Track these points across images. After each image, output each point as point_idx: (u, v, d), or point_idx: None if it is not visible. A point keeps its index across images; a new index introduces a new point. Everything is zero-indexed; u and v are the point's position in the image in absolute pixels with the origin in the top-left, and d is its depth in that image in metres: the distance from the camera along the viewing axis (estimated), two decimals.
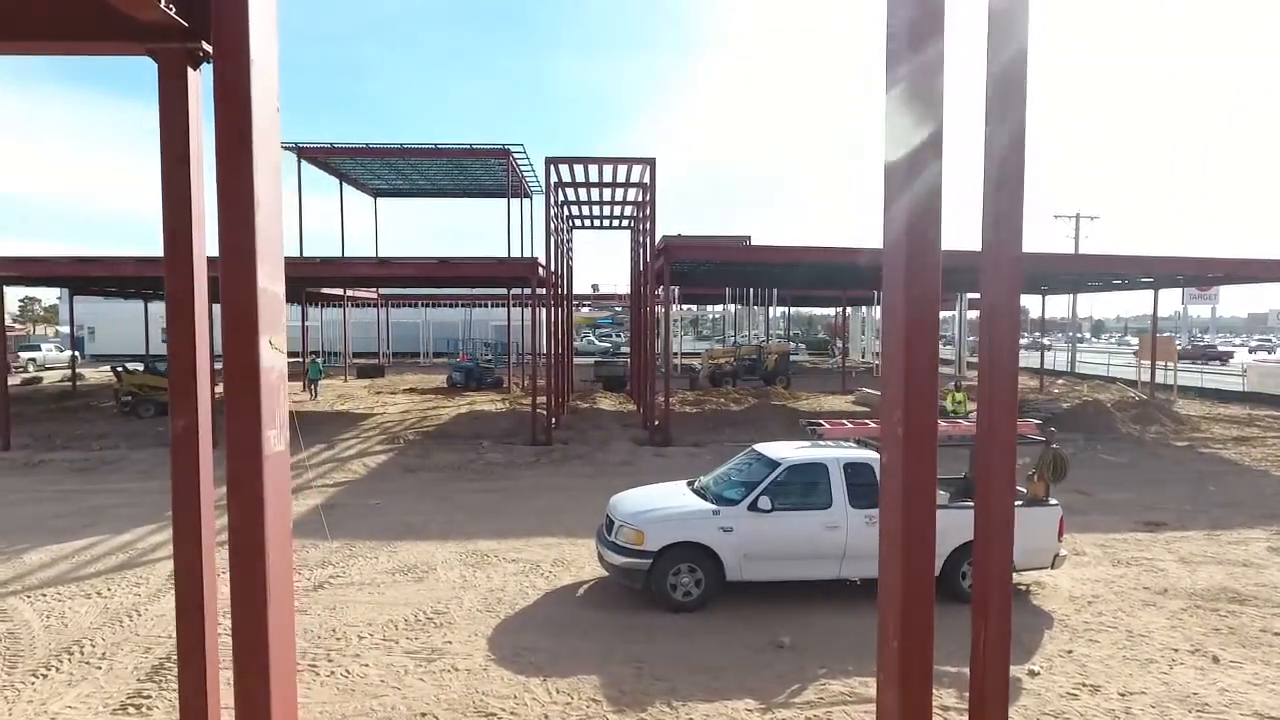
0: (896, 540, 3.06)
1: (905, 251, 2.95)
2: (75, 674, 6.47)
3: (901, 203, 2.99)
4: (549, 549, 10.10)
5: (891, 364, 3.07)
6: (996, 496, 3.11)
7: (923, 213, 2.96)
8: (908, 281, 2.95)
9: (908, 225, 2.95)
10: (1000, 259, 3.14)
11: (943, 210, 2.86)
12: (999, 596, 3.09)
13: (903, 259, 2.95)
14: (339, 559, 9.67)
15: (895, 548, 3.09)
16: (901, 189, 2.99)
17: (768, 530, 7.95)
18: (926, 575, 3.07)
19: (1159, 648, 7.20)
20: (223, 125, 2.85)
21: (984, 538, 3.19)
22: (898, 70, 2.88)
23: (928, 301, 2.96)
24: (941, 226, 2.94)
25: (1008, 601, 3.12)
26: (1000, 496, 3.11)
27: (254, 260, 2.86)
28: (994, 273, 3.14)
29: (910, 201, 2.96)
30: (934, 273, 2.99)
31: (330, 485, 14.01)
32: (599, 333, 66.39)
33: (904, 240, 2.95)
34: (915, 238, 2.97)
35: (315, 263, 19.11)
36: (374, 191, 35.37)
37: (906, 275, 2.95)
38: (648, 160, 19.74)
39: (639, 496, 8.78)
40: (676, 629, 7.51)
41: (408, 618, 7.75)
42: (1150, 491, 13.72)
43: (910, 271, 2.95)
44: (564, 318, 26.22)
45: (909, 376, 2.96)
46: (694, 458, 16.64)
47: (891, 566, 3.11)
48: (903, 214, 2.97)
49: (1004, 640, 3.08)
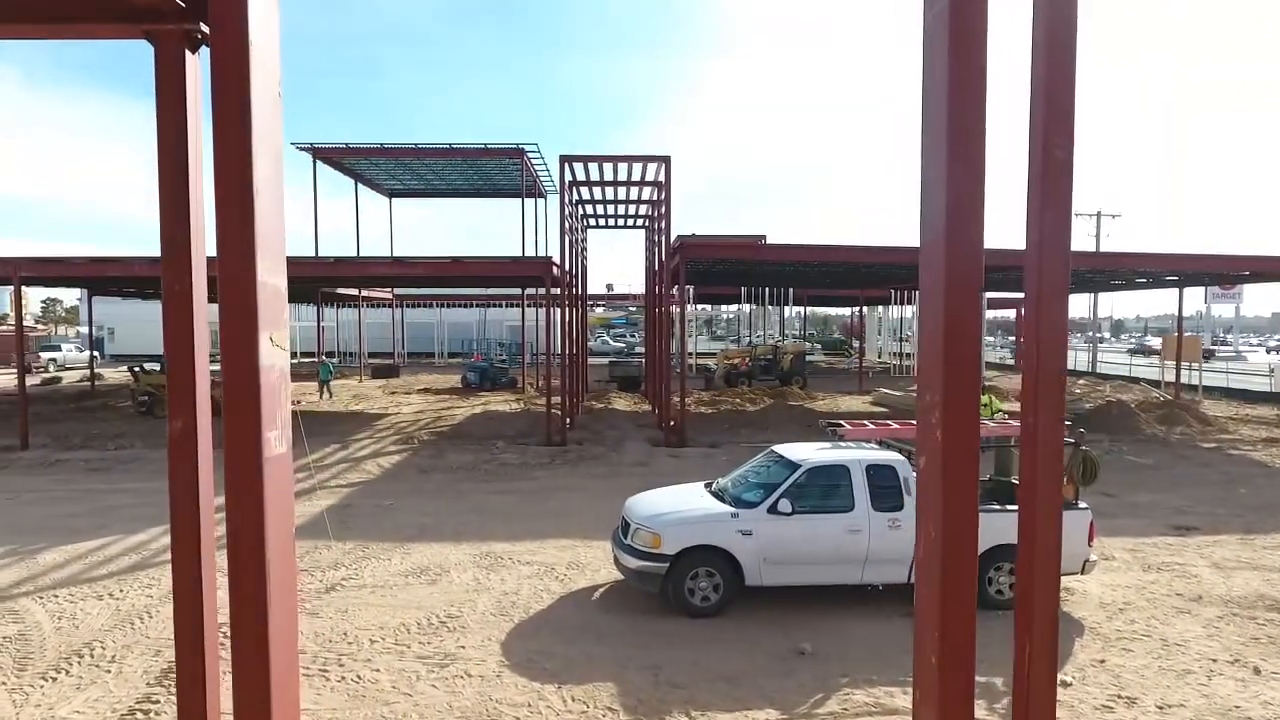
0: (935, 550, 2.86)
1: (944, 242, 2.74)
2: (84, 677, 6.38)
3: (941, 191, 2.78)
4: (564, 551, 9.94)
5: (929, 363, 2.87)
6: (1043, 505, 2.91)
7: (965, 202, 2.75)
8: (949, 271, 2.75)
9: (948, 213, 2.74)
10: (1047, 257, 2.93)
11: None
12: (1045, 612, 2.88)
13: (942, 250, 2.75)
14: (351, 560, 9.57)
15: (934, 558, 2.88)
16: (941, 178, 2.79)
17: (788, 534, 7.75)
18: (968, 588, 2.87)
19: (1196, 657, 6.94)
20: (220, 109, 2.70)
21: (1028, 548, 2.98)
22: (936, 48, 2.69)
23: (969, 294, 2.76)
24: (984, 216, 2.74)
25: (1054, 618, 2.91)
26: (1046, 505, 2.90)
27: (253, 252, 2.70)
28: (1040, 272, 2.93)
29: (952, 190, 2.76)
30: (976, 263, 2.79)
31: (344, 485, 13.93)
32: (613, 333, 66.28)
33: (943, 230, 2.74)
34: (956, 228, 2.76)
35: (329, 262, 19.08)
36: (389, 192, 35.43)
37: (947, 264, 2.76)
38: (663, 158, 19.57)
39: (655, 499, 8.61)
40: (694, 635, 7.32)
41: (420, 621, 7.62)
42: (1179, 494, 13.37)
43: (951, 261, 2.75)
44: (578, 317, 26.09)
45: (948, 376, 2.76)
46: (710, 458, 16.44)
47: (930, 578, 2.91)
48: (942, 202, 2.76)
49: (1050, 659, 2.88)
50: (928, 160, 2.83)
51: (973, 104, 2.67)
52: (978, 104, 2.70)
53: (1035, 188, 2.93)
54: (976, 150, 2.74)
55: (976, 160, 2.74)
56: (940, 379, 2.79)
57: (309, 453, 16.14)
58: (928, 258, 2.84)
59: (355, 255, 24.50)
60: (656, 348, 24.51)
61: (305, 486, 13.68)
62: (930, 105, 2.73)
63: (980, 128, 2.72)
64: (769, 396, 26.99)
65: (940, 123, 2.72)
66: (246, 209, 2.76)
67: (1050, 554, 2.89)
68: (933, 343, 2.85)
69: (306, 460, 15.03)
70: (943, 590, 2.82)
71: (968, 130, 2.68)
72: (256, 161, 2.80)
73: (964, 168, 2.68)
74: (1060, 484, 2.90)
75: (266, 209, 2.83)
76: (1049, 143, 2.89)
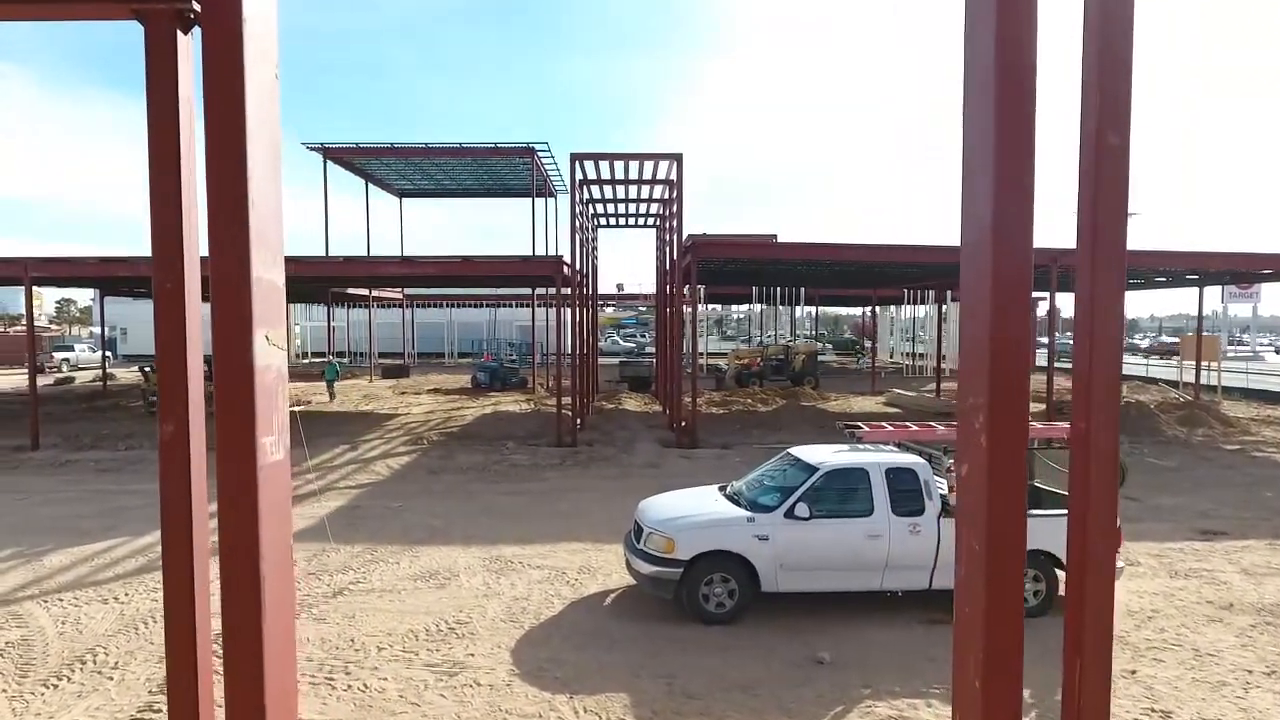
0: (979, 565, 2.65)
1: (991, 234, 2.54)
2: (86, 685, 6.25)
3: (988, 180, 2.58)
4: (575, 555, 9.77)
5: (972, 364, 2.66)
6: (1096, 517, 2.70)
7: (1014, 192, 2.55)
8: (996, 266, 2.56)
9: (996, 203, 2.53)
10: (1101, 253, 2.71)
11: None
12: (1098, 634, 2.67)
13: (988, 242, 2.55)
14: (360, 564, 9.42)
15: (977, 574, 2.67)
16: (988, 166, 2.58)
17: (805, 539, 7.54)
18: (1014, 606, 2.67)
19: (1230, 669, 6.69)
20: (213, 93, 2.53)
21: (1079, 563, 2.77)
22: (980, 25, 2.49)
23: (1018, 290, 2.56)
24: (1034, 207, 2.55)
25: (1108, 639, 2.70)
26: (1101, 517, 2.69)
27: (247, 245, 2.52)
28: (1094, 268, 2.71)
29: (1000, 180, 2.55)
30: (1025, 257, 2.59)
31: (353, 486, 13.80)
32: (623, 333, 66.08)
33: (990, 223, 2.54)
34: (1005, 219, 2.56)
35: (339, 261, 18.99)
36: (399, 192, 35.39)
37: (995, 258, 2.55)
38: (674, 155, 19.37)
39: (669, 502, 8.41)
40: (709, 642, 7.13)
41: (429, 627, 7.46)
42: (1203, 497, 13.07)
43: (999, 254, 2.55)
44: (589, 317, 25.92)
45: (995, 377, 2.55)
46: (722, 459, 16.24)
47: (972, 595, 2.70)
48: (989, 193, 2.55)
49: (1104, 682, 2.68)
50: (972, 146, 2.63)
51: (1022, 83, 2.47)
52: (1027, 83, 2.49)
53: (1087, 178, 2.71)
54: (1025, 135, 2.54)
55: (1025, 146, 2.54)
56: (985, 381, 2.58)
57: (308, 458, 16.05)
58: (972, 252, 2.63)
59: (365, 255, 24.41)
60: (667, 348, 24.31)
61: (314, 488, 13.57)
62: (973, 87, 2.53)
63: (1030, 110, 2.52)
64: (781, 397, 26.74)
65: (985, 106, 2.51)
66: (240, 200, 2.59)
67: (1105, 570, 2.68)
68: (976, 342, 2.64)
69: (307, 465, 14.93)
70: (988, 608, 2.62)
71: (1017, 112, 2.48)
72: (251, 149, 2.62)
73: (1013, 155, 2.48)
74: (1116, 494, 2.69)
75: (262, 200, 2.65)
76: (1102, 127, 2.67)
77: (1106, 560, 2.66)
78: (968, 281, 2.66)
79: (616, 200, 26.28)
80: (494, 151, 28.09)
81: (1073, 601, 2.76)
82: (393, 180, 33.99)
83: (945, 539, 7.62)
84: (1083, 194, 2.65)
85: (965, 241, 2.61)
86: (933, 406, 24.41)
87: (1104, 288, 2.67)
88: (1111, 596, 2.71)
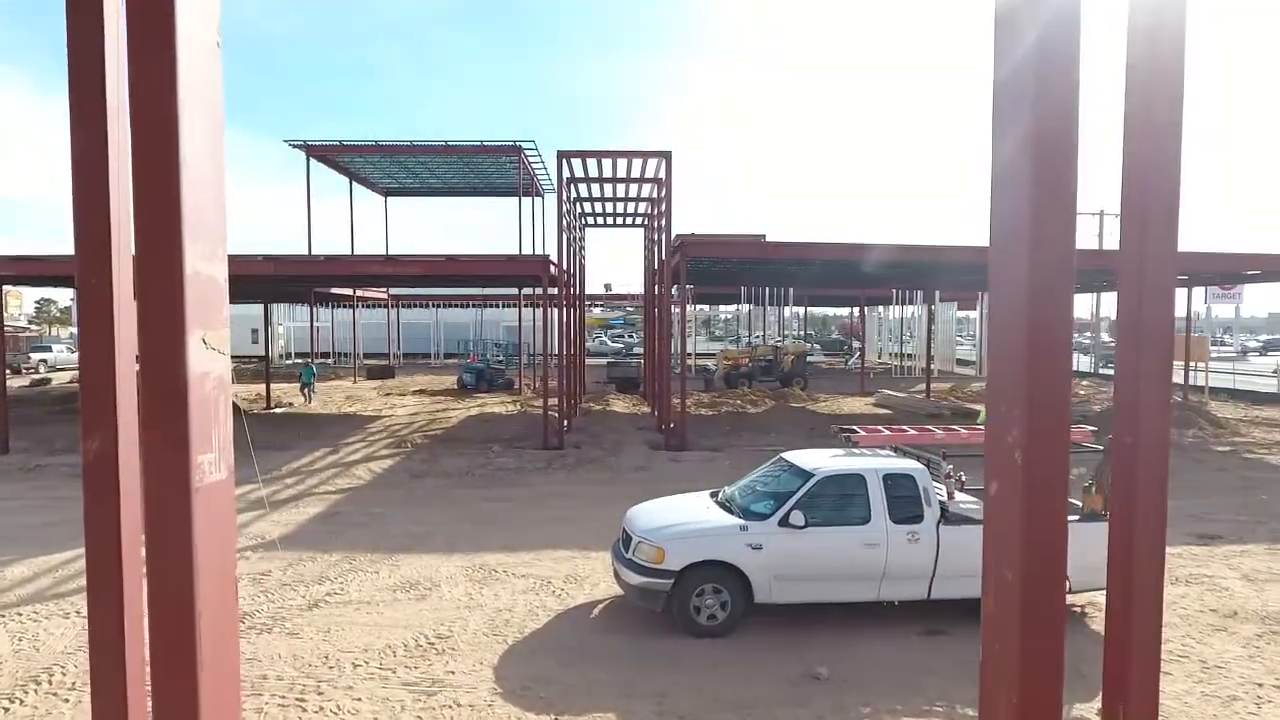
0: (1013, 600, 2.36)
1: (1029, 222, 2.25)
2: (39, 708, 5.87)
3: (1025, 160, 2.28)
4: (561, 563, 9.45)
5: (1005, 368, 2.36)
6: (1143, 547, 2.42)
7: (1057, 174, 2.25)
8: (1034, 257, 2.26)
9: (1037, 188, 2.23)
10: (1151, 246, 2.42)
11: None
12: (1145, 681, 2.39)
13: (1025, 230, 2.26)
14: (337, 573, 9.06)
15: (1010, 611, 2.38)
16: (1026, 141, 2.28)
17: (800, 548, 7.26)
18: (1055, 648, 2.38)
19: (1240, 681, 6.47)
20: (139, 58, 2.19)
21: (1122, 599, 2.49)
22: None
23: (1060, 282, 2.29)
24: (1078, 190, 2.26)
25: (1155, 686, 2.42)
26: (1148, 548, 2.42)
27: (179, 235, 2.19)
28: (1143, 263, 2.43)
29: (1040, 161, 2.26)
30: (1068, 247, 2.30)
31: (333, 492, 13.41)
32: (611, 333, 65.76)
33: (1028, 210, 2.24)
34: (1046, 205, 2.26)
35: (320, 260, 18.57)
36: (384, 190, 34.96)
37: (1032, 247, 2.26)
38: (663, 154, 19.08)
39: (658, 510, 8.11)
40: (701, 657, 6.83)
41: (407, 642, 7.12)
42: (1198, 500, 12.90)
43: (1037, 243, 2.26)
44: (576, 318, 25.60)
45: (1034, 383, 2.26)
46: (712, 462, 15.96)
47: (1004, 632, 2.41)
48: (1027, 177, 2.25)
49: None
50: (1003, 118, 2.33)
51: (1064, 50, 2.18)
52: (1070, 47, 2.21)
53: (1133, 164, 2.42)
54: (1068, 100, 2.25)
55: (1069, 113, 2.25)
56: (1022, 388, 2.29)
57: (257, 470, 15.66)
58: (1006, 241, 2.34)
59: (347, 254, 23.98)
60: (655, 348, 24.02)
61: (290, 494, 13.17)
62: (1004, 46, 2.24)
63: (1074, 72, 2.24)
64: (771, 398, 26.51)
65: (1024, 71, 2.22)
66: (170, 180, 2.25)
67: (1152, 608, 2.40)
68: (1010, 344, 2.35)
69: (258, 481, 14.54)
70: (1024, 648, 2.33)
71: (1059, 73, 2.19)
72: (185, 125, 2.28)
73: (1056, 125, 2.19)
74: (1165, 521, 2.41)
75: (197, 181, 2.31)
76: (1152, 101, 2.38)
77: (1154, 597, 2.38)
78: (1000, 267, 2.37)
79: (604, 199, 25.97)
80: (480, 149, 27.70)
81: (1115, 641, 2.47)
82: (377, 179, 33.53)
83: (944, 548, 7.37)
84: (1128, 181, 2.36)
85: (995, 229, 2.32)
86: (923, 408, 24.25)
87: (1154, 286, 2.38)
88: (1159, 638, 2.43)
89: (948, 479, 7.89)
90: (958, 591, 7.45)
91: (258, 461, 15.56)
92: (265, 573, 9.08)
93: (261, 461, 15.78)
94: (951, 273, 24.09)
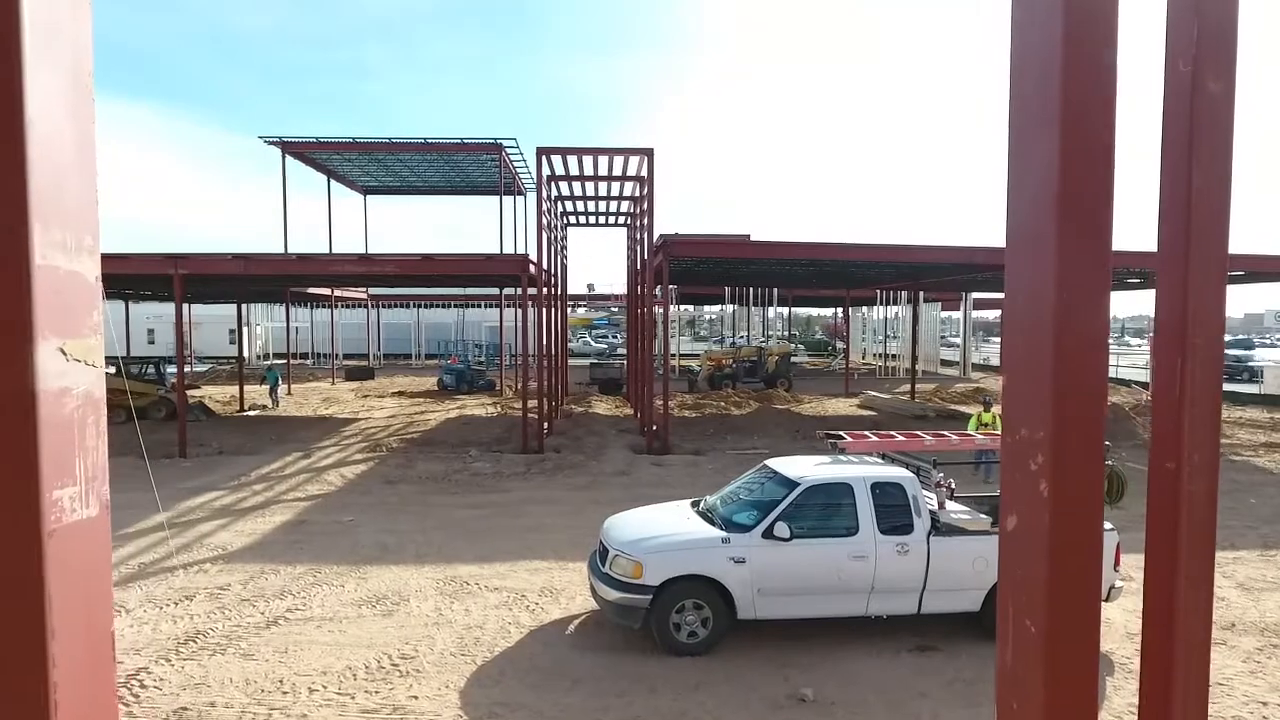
0: (1035, 653, 1.98)
1: (1056, 213, 1.86)
2: None
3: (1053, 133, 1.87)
4: (536, 574, 9.05)
5: (1025, 384, 1.98)
6: (1189, 592, 2.06)
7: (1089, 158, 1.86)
8: (1062, 255, 1.87)
9: (1062, 173, 1.85)
10: (1198, 239, 2.04)
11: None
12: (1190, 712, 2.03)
13: (1052, 221, 1.88)
14: (300, 587, 8.62)
15: (1033, 664, 2.01)
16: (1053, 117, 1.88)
17: (785, 561, 6.92)
18: (1087, 708, 1.98)
19: (1243, 700, 6.19)
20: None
21: (1161, 661, 2.14)
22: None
23: (1097, 267, 1.92)
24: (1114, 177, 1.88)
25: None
26: (1194, 593, 2.06)
27: (24, 220, 1.74)
28: (1188, 258, 2.04)
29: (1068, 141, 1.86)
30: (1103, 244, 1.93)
31: (302, 499, 12.93)
32: (595, 334, 65.32)
33: (1054, 197, 1.85)
34: (1074, 193, 1.87)
35: (292, 259, 18.04)
36: (363, 189, 34.33)
37: (1060, 244, 1.88)
38: (645, 151, 18.70)
39: (636, 520, 7.73)
40: (681, 679, 6.46)
41: (369, 663, 6.70)
42: None
43: (1067, 234, 1.88)
44: (558, 318, 25.18)
45: (1060, 404, 1.88)
46: (694, 466, 15.61)
47: (1024, 690, 2.05)
48: (1053, 159, 1.86)
49: None
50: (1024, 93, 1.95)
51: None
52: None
53: (1176, 138, 2.04)
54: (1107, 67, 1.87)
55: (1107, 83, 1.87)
56: (1047, 406, 1.91)
57: (159, 504, 15.14)
58: (1028, 229, 1.96)
59: (319, 253, 23.41)
60: (639, 349, 23.65)
61: (257, 502, 12.69)
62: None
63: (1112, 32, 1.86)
64: (755, 400, 26.23)
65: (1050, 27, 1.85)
66: (14, 148, 1.80)
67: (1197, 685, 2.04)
68: (1033, 354, 1.97)
69: (165, 535, 14.04)
70: (1049, 710, 1.95)
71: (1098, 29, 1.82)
72: (32, 80, 1.83)
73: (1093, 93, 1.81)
74: (1213, 562, 2.05)
75: (50, 148, 1.86)
76: (1199, 69, 2.02)
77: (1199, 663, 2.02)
78: (1021, 261, 2.00)
79: (586, 197, 25.56)
80: (460, 147, 27.18)
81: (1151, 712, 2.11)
82: (356, 176, 32.90)
83: (935, 559, 7.05)
84: (1168, 162, 2.00)
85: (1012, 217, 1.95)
86: (909, 409, 24.04)
87: (1201, 285, 2.02)
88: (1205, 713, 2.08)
89: (938, 487, 7.58)
90: (949, 605, 7.14)
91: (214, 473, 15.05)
92: (224, 587, 8.62)
93: (229, 467, 15.29)
94: (936, 272, 23.90)
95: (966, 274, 23.67)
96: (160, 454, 16.68)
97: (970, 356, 43.65)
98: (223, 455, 16.69)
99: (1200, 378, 2.01)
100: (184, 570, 9.15)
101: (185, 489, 13.41)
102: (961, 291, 38.87)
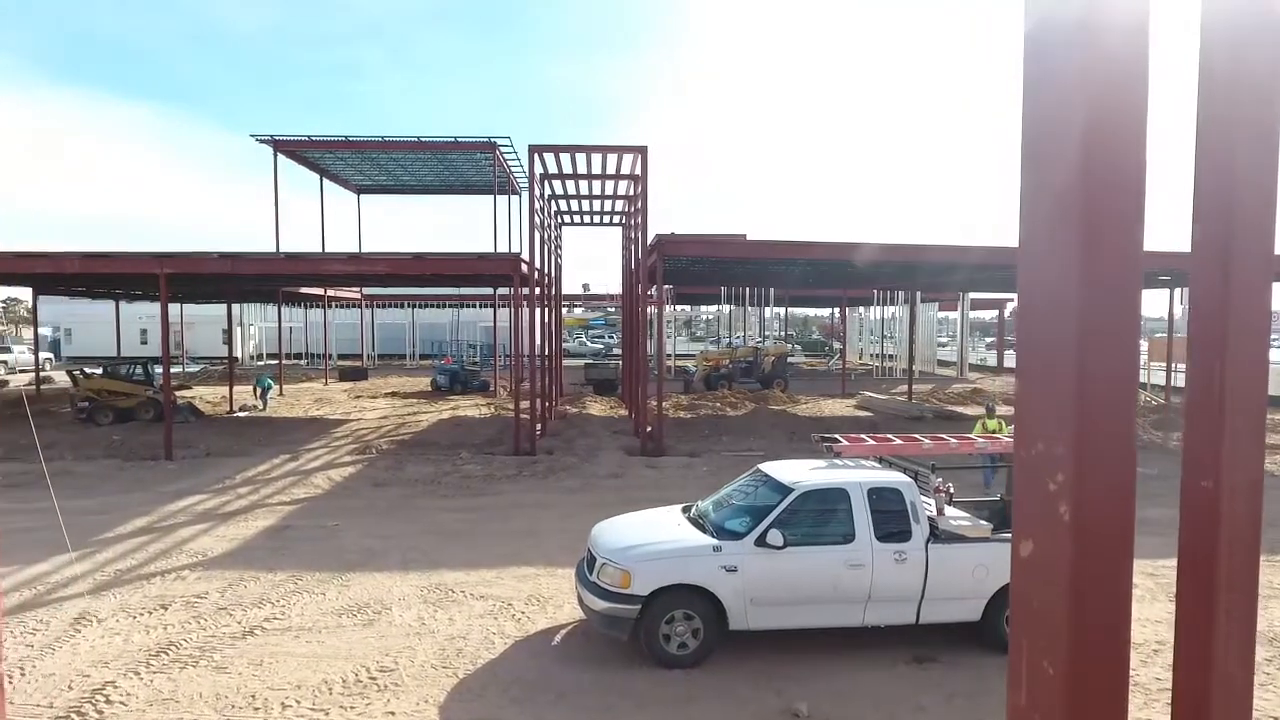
0: (1054, 697, 1.71)
1: (1082, 182, 1.58)
2: None
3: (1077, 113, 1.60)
4: (524, 582, 8.80)
5: (1044, 395, 1.72)
6: (1229, 626, 1.80)
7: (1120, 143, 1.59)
8: (1087, 233, 1.61)
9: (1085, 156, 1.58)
10: (1240, 235, 1.77)
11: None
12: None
13: (1077, 201, 1.60)
14: (280, 595, 8.36)
15: (1051, 708, 1.73)
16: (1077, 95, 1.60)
17: (779, 570, 6.67)
18: None
19: (1257, 717, 5.95)
20: None
21: (1197, 695, 1.87)
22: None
23: (1127, 259, 1.66)
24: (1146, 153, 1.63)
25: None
26: (1236, 627, 1.80)
27: None
28: (1228, 257, 1.77)
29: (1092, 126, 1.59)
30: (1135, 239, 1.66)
31: (287, 502, 12.66)
32: (592, 334, 65.05)
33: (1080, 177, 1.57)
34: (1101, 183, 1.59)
35: (282, 259, 17.77)
36: (356, 188, 34.03)
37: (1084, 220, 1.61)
38: (639, 149, 18.47)
39: (625, 527, 7.48)
40: (670, 693, 6.22)
41: (346, 676, 6.45)
42: None
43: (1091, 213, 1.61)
44: (552, 318, 24.93)
45: (1085, 417, 1.62)
46: (689, 469, 15.37)
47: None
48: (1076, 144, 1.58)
49: None
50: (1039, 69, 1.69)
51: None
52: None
53: (1211, 126, 1.79)
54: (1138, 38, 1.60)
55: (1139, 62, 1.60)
56: (1070, 418, 1.64)
57: (61, 520, 14.85)
58: (1046, 218, 1.70)
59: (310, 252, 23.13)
60: (634, 349, 23.40)
61: (241, 505, 12.42)
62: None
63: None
64: (751, 401, 25.99)
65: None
66: None
67: (1239, 710, 1.79)
68: (1051, 365, 1.71)
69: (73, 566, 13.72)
70: None
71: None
72: None
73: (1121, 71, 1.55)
74: (1255, 602, 1.80)
75: None
76: (1238, 51, 1.76)
77: (1243, 704, 1.78)
78: (1037, 254, 1.75)
79: (580, 196, 25.33)
80: (454, 146, 26.91)
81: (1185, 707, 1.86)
82: (349, 175, 32.61)
83: (933, 568, 6.81)
84: (1203, 147, 1.75)
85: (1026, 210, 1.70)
86: (906, 410, 23.83)
87: (1245, 282, 1.76)
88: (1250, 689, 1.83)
89: (937, 493, 7.34)
90: (949, 615, 6.91)
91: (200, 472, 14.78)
92: (202, 595, 8.36)
93: (215, 470, 15.02)
94: (933, 272, 23.69)
95: (963, 274, 23.48)
96: (146, 456, 16.41)
97: (967, 357, 43.50)
98: (210, 457, 16.41)
99: (1243, 386, 1.76)
100: (161, 578, 8.89)
101: (168, 492, 13.13)
102: (959, 291, 38.67)
